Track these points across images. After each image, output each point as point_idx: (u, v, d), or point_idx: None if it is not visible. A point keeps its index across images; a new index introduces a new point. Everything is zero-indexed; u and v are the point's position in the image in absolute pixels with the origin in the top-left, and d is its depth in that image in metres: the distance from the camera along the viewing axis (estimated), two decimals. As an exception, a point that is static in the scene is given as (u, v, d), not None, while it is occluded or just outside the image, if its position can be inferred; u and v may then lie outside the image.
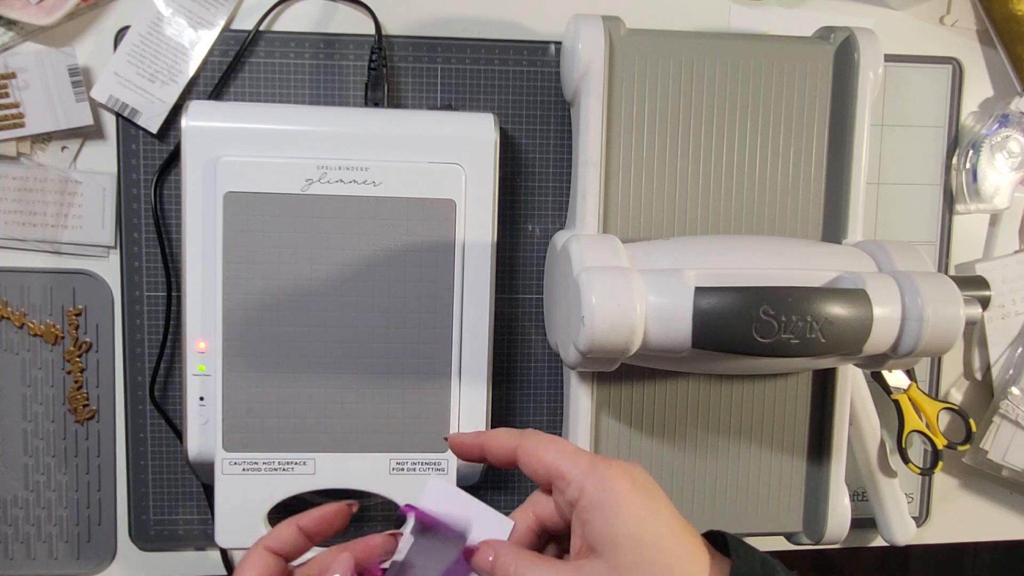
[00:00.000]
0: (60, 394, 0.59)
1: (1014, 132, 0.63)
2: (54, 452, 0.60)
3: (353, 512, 0.43)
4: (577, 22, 0.55)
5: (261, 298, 0.53)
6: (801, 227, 0.58)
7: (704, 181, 0.57)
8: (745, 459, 0.59)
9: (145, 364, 0.59)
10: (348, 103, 0.59)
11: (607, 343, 0.47)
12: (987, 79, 0.66)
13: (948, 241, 0.66)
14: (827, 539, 0.60)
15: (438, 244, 0.54)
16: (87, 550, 0.61)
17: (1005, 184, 0.64)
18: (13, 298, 0.58)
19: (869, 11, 0.64)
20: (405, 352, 0.55)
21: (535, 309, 0.62)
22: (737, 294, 0.46)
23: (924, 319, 0.47)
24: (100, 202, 0.58)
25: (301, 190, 0.53)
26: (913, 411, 0.64)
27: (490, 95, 0.60)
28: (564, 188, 0.61)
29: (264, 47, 0.58)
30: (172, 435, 0.60)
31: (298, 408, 0.54)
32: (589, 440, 0.57)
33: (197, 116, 0.53)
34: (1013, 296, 0.66)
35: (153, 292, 0.59)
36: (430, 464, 0.56)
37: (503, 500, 0.63)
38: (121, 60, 0.57)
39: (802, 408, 0.59)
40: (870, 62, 0.56)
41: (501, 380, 0.62)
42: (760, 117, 0.57)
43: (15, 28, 0.56)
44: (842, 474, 0.59)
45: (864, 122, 0.57)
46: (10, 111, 0.55)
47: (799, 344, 0.47)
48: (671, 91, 0.56)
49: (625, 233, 0.56)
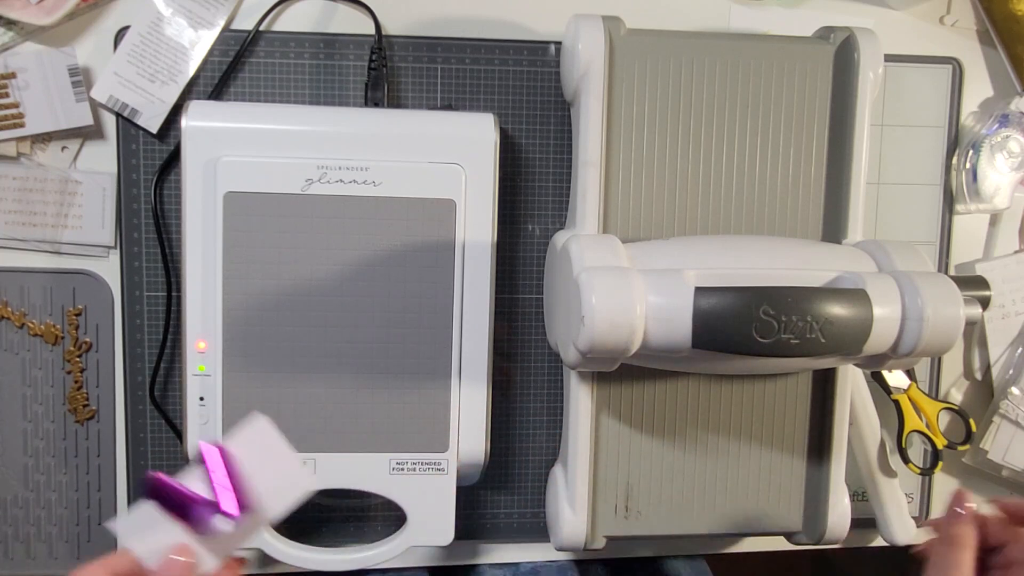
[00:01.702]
0: (60, 394, 0.59)
1: (1014, 132, 0.63)
2: (54, 452, 0.60)
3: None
4: (577, 22, 0.55)
5: (261, 298, 0.53)
6: (801, 227, 0.58)
7: (704, 181, 0.57)
8: (745, 459, 0.59)
9: (145, 364, 0.59)
10: (348, 103, 0.59)
11: (607, 343, 0.47)
12: (987, 79, 0.66)
13: (948, 241, 0.66)
14: (827, 539, 0.60)
15: (438, 244, 0.54)
16: (87, 550, 0.61)
17: (1005, 184, 0.64)
18: (13, 298, 0.58)
19: (869, 11, 0.64)
20: (405, 352, 0.55)
21: (535, 309, 0.62)
22: (737, 294, 0.46)
23: (924, 319, 0.48)
24: (100, 202, 0.58)
25: (301, 190, 0.53)
26: (913, 411, 0.64)
27: (490, 95, 0.60)
28: (564, 188, 0.61)
29: (264, 47, 0.58)
30: (172, 435, 0.60)
31: (298, 408, 0.54)
32: (589, 440, 0.57)
33: (197, 116, 0.53)
34: (1013, 296, 0.66)
35: (153, 292, 0.59)
36: (430, 464, 0.56)
37: (503, 500, 0.63)
38: (121, 60, 0.57)
39: (802, 408, 0.59)
40: (870, 62, 0.56)
41: (501, 380, 0.62)
42: (760, 117, 0.57)
43: (15, 28, 0.56)
44: (842, 474, 0.59)
45: (864, 122, 0.57)
46: (10, 111, 0.55)
47: (799, 344, 0.47)
48: (671, 91, 0.56)
49: (625, 233, 0.56)
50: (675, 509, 0.59)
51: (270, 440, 0.45)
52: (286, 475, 0.45)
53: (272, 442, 0.45)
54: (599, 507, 0.58)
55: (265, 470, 0.45)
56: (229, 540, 0.44)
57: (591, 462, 0.57)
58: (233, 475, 0.44)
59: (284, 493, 0.45)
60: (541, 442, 0.63)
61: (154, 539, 0.42)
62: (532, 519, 0.64)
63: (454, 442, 0.56)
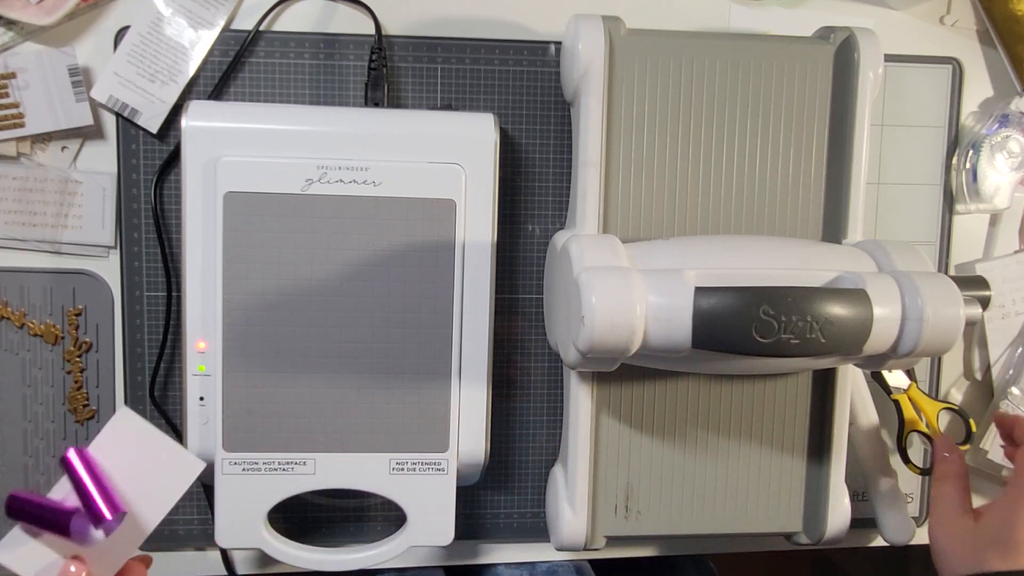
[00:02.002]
0: (60, 394, 0.59)
1: (1014, 132, 0.63)
2: (54, 452, 0.60)
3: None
4: (577, 22, 0.55)
5: (261, 298, 0.53)
6: (801, 227, 0.58)
7: (704, 181, 0.57)
8: (745, 459, 0.59)
9: (145, 364, 0.59)
10: (348, 103, 0.59)
11: (607, 343, 0.47)
12: (987, 79, 0.66)
13: (948, 241, 0.66)
14: (827, 539, 0.60)
15: (438, 244, 0.54)
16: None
17: (1005, 184, 0.64)
18: (13, 298, 0.58)
19: (869, 11, 0.64)
20: (405, 352, 0.55)
21: (535, 309, 0.62)
22: (737, 294, 0.46)
23: (924, 319, 0.48)
24: (100, 202, 0.58)
25: (301, 190, 0.53)
26: (913, 411, 0.64)
27: (490, 95, 0.60)
28: (564, 188, 0.61)
29: (264, 47, 0.58)
30: (172, 435, 0.60)
31: (298, 408, 0.54)
32: (589, 440, 0.57)
33: (197, 116, 0.53)
34: (1013, 296, 0.66)
35: (153, 292, 0.59)
36: (430, 464, 0.56)
37: (503, 500, 0.63)
38: (121, 60, 0.57)
39: (802, 408, 0.59)
40: (870, 62, 0.56)
41: (501, 380, 0.62)
42: (760, 117, 0.57)
43: (15, 28, 0.56)
44: (842, 474, 0.59)
45: (864, 122, 0.57)
46: (10, 111, 0.55)
47: (799, 344, 0.47)
48: (671, 91, 0.56)
49: (625, 233, 0.56)
50: (675, 509, 0.59)
51: (140, 432, 0.44)
52: (168, 463, 0.45)
53: (143, 433, 0.44)
54: (599, 507, 0.58)
55: (142, 463, 0.44)
56: (119, 543, 0.43)
57: (591, 462, 0.57)
58: (98, 478, 0.43)
59: (171, 481, 0.44)
60: (541, 442, 0.63)
61: (42, 559, 0.41)
62: (532, 519, 0.64)
63: (454, 442, 0.56)
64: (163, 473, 0.44)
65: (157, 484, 0.44)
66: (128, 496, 0.44)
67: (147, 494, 0.44)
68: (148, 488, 0.44)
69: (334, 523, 0.62)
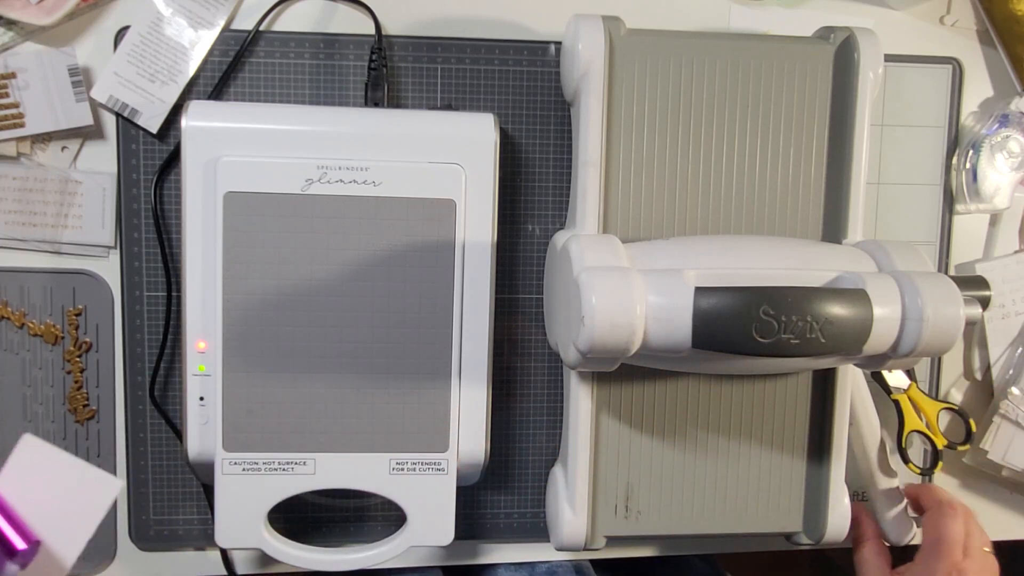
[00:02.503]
0: (60, 394, 0.59)
1: (1014, 132, 0.63)
2: (54, 452, 0.60)
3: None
4: (577, 22, 0.55)
5: (261, 298, 0.53)
6: (801, 227, 0.58)
7: (704, 181, 0.57)
8: (745, 459, 0.59)
9: (145, 364, 0.59)
10: (348, 103, 0.59)
11: (607, 343, 0.47)
12: (987, 79, 0.66)
13: (948, 241, 0.66)
14: (827, 539, 0.60)
15: (438, 244, 0.54)
16: (87, 550, 0.60)
17: (1005, 184, 0.64)
18: (13, 298, 0.58)
19: (869, 11, 0.64)
20: (405, 352, 0.55)
21: (535, 309, 0.62)
22: (737, 294, 0.46)
23: (924, 319, 0.47)
24: (100, 202, 0.58)
25: (301, 190, 0.53)
26: (913, 411, 0.64)
27: (490, 95, 0.60)
28: (564, 188, 0.61)
29: (264, 47, 0.58)
30: (172, 435, 0.60)
31: (298, 408, 0.54)
32: (589, 440, 0.57)
33: (197, 116, 0.53)
34: (1013, 296, 0.66)
35: (153, 292, 0.59)
36: (430, 464, 0.56)
37: (503, 500, 0.63)
38: (121, 60, 0.57)
39: (802, 408, 0.59)
40: (870, 62, 0.56)
41: (501, 380, 0.62)
42: (760, 117, 0.57)
43: (15, 28, 0.56)
44: (842, 474, 0.59)
45: (864, 122, 0.57)
46: (10, 111, 0.55)
47: (799, 344, 0.47)
48: (671, 91, 0.56)
49: (625, 233, 0.56)
50: (675, 509, 0.59)
51: (48, 457, 0.42)
52: (83, 486, 0.43)
53: (51, 458, 0.42)
54: (599, 507, 0.58)
55: (54, 489, 0.42)
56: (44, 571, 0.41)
57: (591, 462, 0.57)
58: (5, 510, 0.41)
59: (88, 505, 0.42)
60: (541, 442, 0.63)
61: None
62: (532, 519, 0.64)
63: (454, 442, 0.56)
64: (79, 497, 0.42)
65: (73, 509, 0.42)
66: (43, 525, 0.42)
67: (64, 520, 0.42)
68: (64, 514, 0.42)
69: (334, 523, 0.62)
